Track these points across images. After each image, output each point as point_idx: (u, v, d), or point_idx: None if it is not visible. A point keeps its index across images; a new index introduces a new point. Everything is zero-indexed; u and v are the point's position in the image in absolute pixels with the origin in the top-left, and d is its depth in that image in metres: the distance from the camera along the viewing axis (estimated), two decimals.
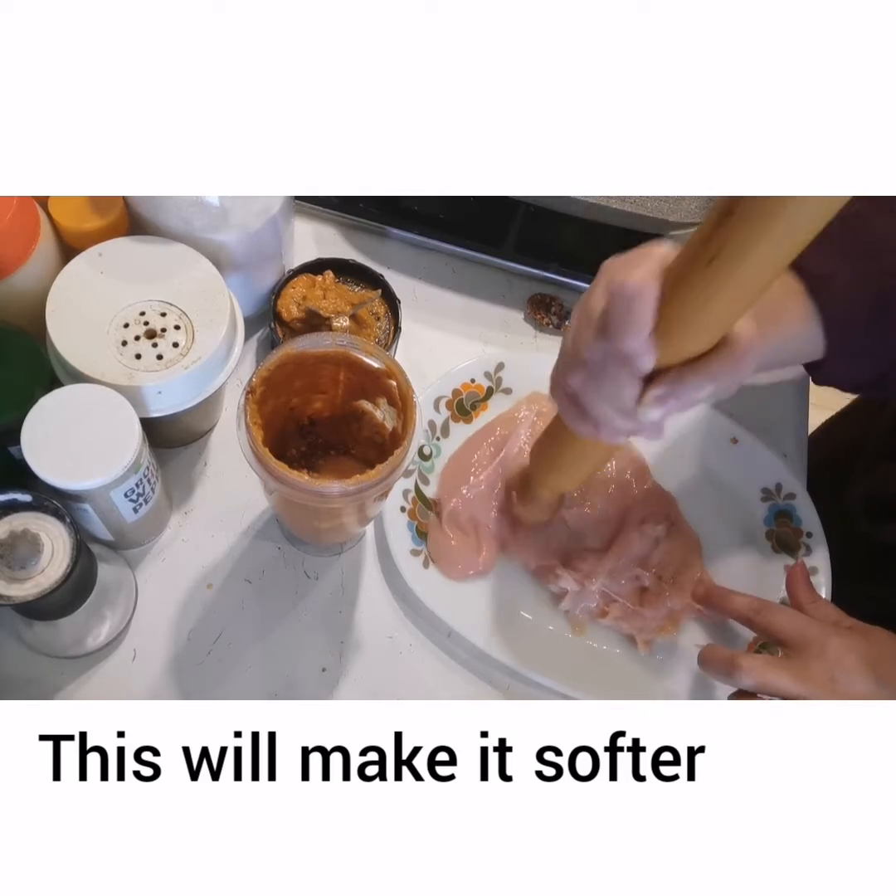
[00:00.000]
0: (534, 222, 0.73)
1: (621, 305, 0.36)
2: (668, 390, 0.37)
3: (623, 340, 0.36)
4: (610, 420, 0.40)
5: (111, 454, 0.45)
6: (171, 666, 0.54)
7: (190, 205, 0.52)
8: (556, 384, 0.44)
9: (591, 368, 0.39)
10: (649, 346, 0.36)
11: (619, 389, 0.38)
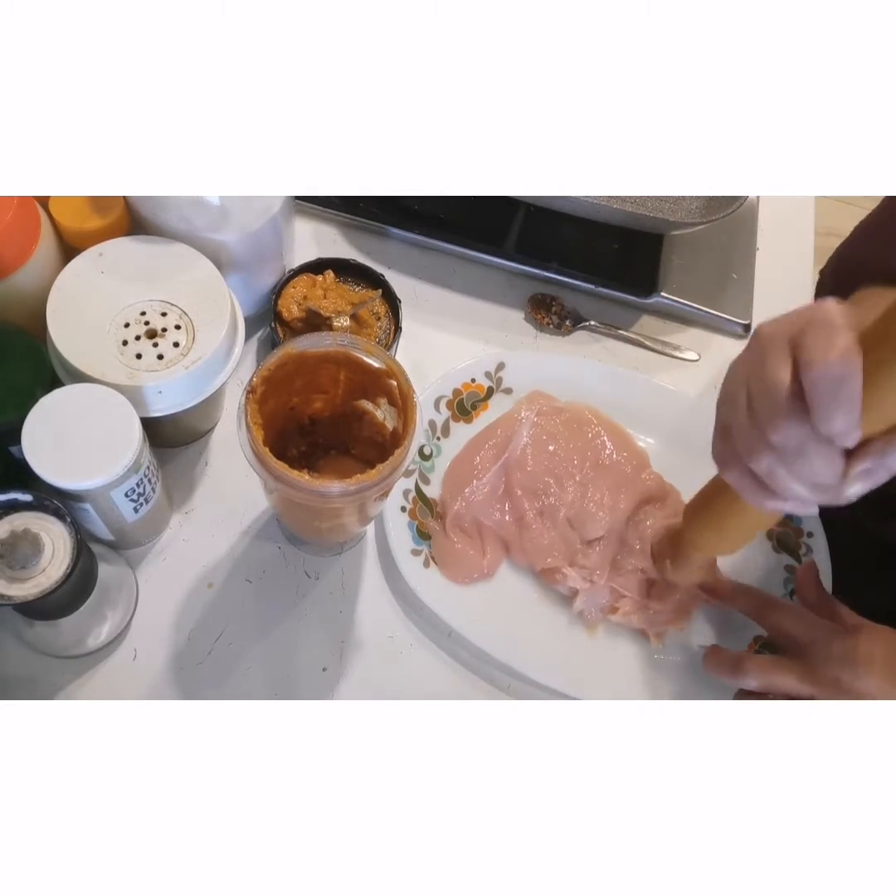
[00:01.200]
0: (534, 222, 0.73)
1: (827, 387, 0.33)
2: (877, 462, 0.35)
3: (830, 423, 0.33)
4: (803, 496, 0.37)
5: (111, 454, 0.45)
6: (171, 666, 0.54)
7: (190, 204, 0.52)
8: (729, 463, 0.40)
9: (784, 450, 0.36)
10: (858, 424, 0.33)
11: (819, 469, 0.35)
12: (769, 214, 0.79)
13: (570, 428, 0.64)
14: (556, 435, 0.63)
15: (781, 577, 0.61)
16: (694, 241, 0.75)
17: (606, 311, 0.72)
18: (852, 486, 0.36)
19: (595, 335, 0.71)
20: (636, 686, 0.58)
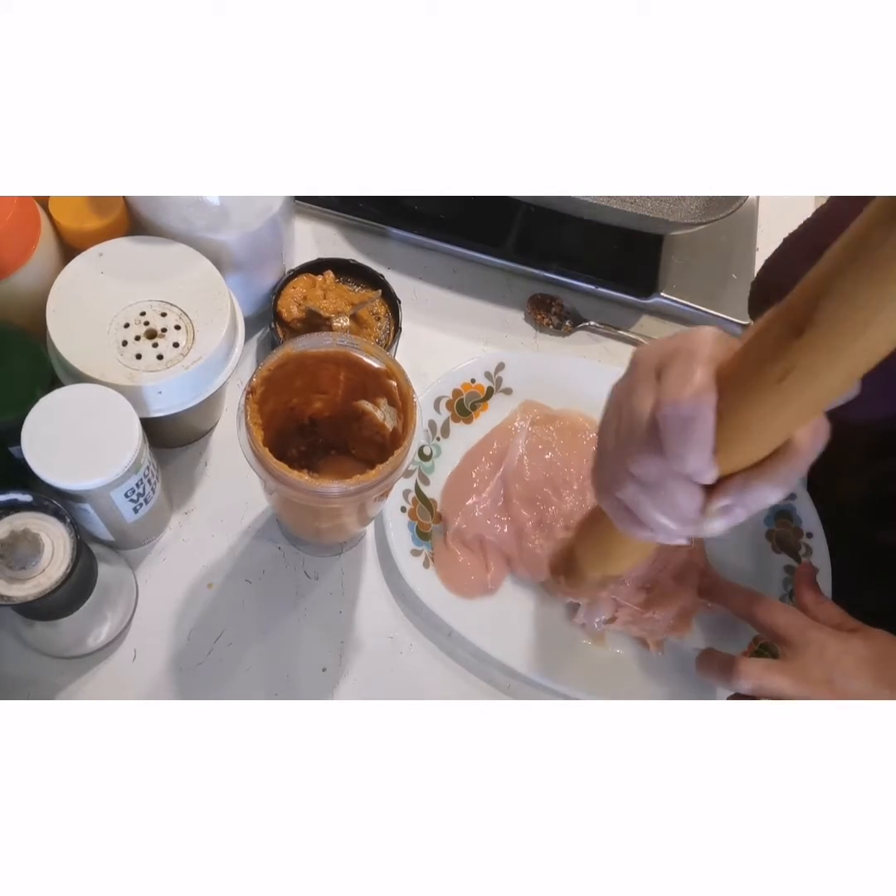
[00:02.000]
0: (534, 222, 0.73)
1: (677, 426, 0.32)
2: (736, 500, 0.34)
3: (682, 462, 0.33)
4: (669, 528, 0.37)
5: (111, 454, 0.45)
6: (171, 666, 0.54)
7: (190, 205, 0.52)
8: (602, 490, 0.40)
9: (644, 483, 0.36)
10: (711, 464, 0.33)
11: (679, 503, 0.35)
12: (769, 214, 0.79)
13: (565, 436, 0.64)
14: (552, 443, 0.63)
15: (781, 577, 0.61)
16: (694, 242, 0.75)
17: (606, 312, 0.72)
18: (712, 521, 0.35)
19: (595, 335, 0.71)
20: (636, 686, 0.58)
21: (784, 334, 0.28)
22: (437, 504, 0.61)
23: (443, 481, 0.62)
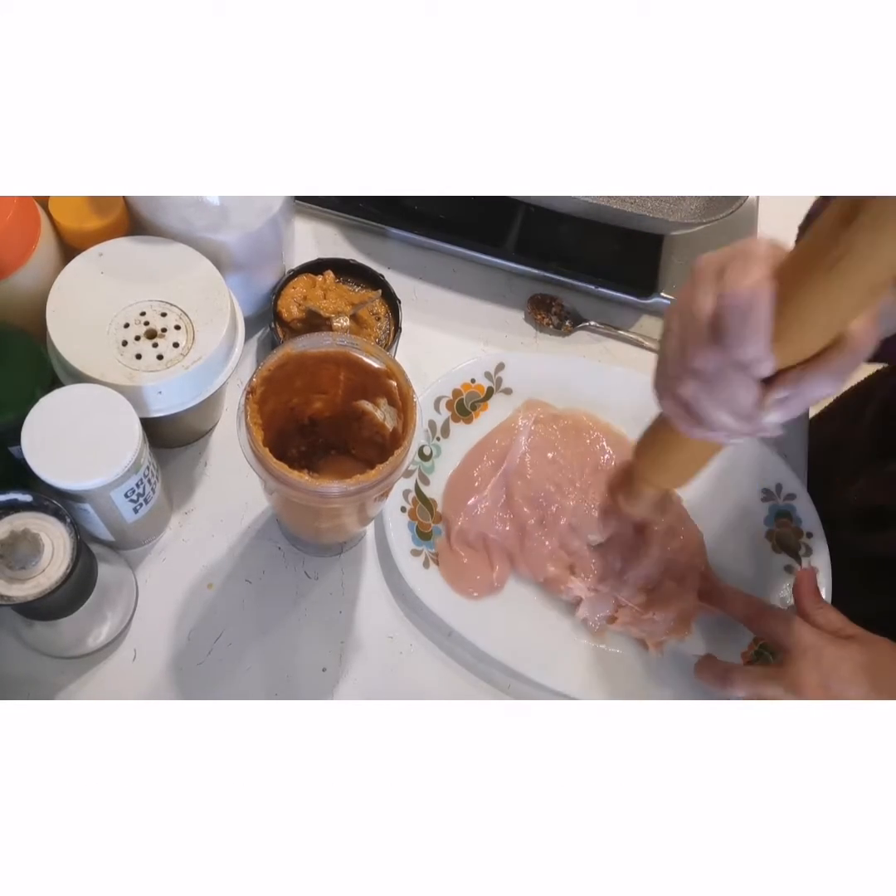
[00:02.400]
0: (534, 222, 0.73)
1: (737, 314, 0.35)
2: (791, 392, 0.36)
3: (741, 350, 0.35)
4: (726, 424, 0.39)
5: (111, 454, 0.45)
6: (171, 666, 0.54)
7: (190, 205, 0.52)
8: (663, 391, 0.42)
9: (705, 377, 0.38)
10: (769, 353, 0.35)
11: (737, 396, 0.37)
12: (769, 214, 0.79)
13: (568, 434, 0.64)
14: (555, 442, 0.63)
15: (781, 577, 0.61)
16: (694, 242, 0.75)
17: (606, 312, 0.72)
18: (769, 414, 0.37)
19: (595, 335, 0.71)
20: (636, 686, 0.58)
21: (835, 225, 0.31)
22: (437, 504, 0.61)
23: (443, 481, 0.62)
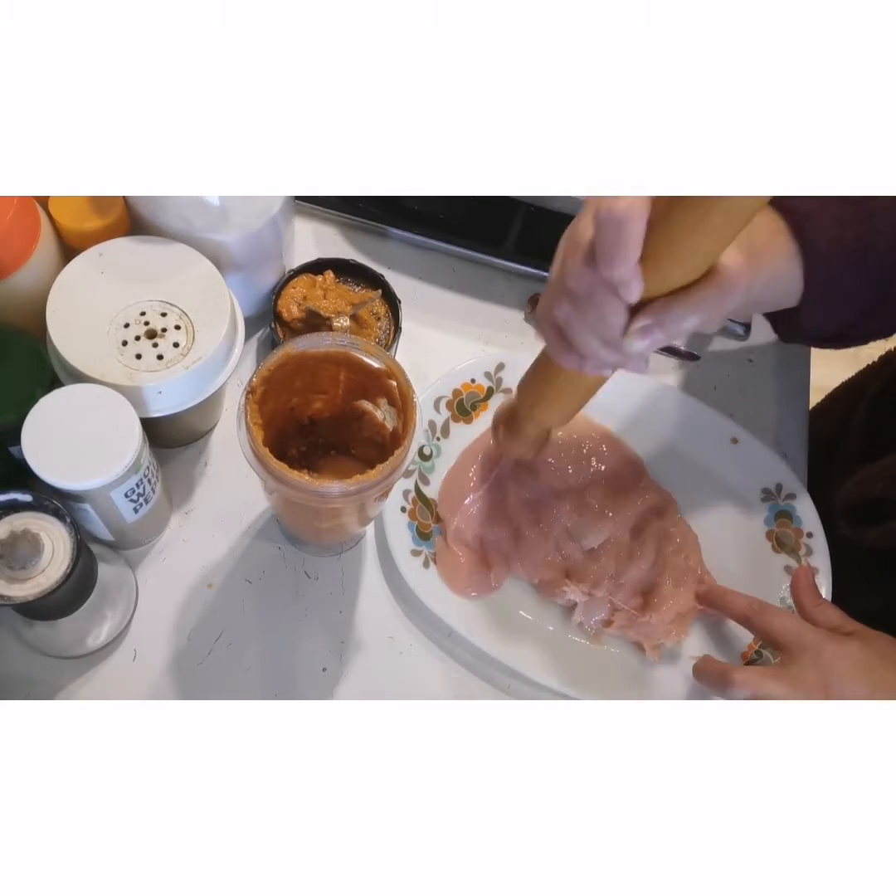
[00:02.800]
0: (534, 222, 0.73)
1: (610, 230, 0.35)
2: (654, 320, 0.37)
3: (611, 267, 0.35)
4: (595, 351, 0.40)
5: (111, 454, 0.45)
6: (171, 666, 0.54)
7: (190, 205, 0.52)
8: (542, 316, 0.43)
9: (577, 298, 0.39)
10: (637, 274, 0.35)
11: (605, 319, 0.38)
12: None
13: (563, 437, 0.63)
14: (550, 444, 0.63)
15: (781, 577, 0.61)
16: None
17: None
18: (634, 341, 0.38)
19: None
20: (636, 686, 0.58)
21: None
22: (436, 504, 0.61)
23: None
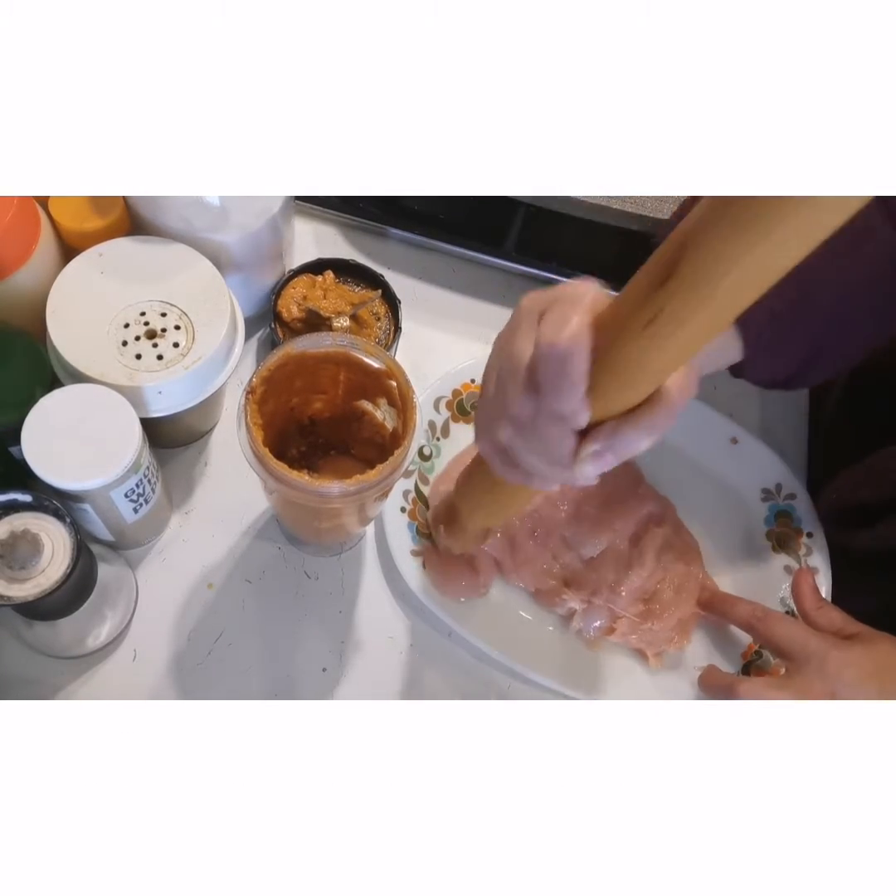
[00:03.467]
0: (534, 222, 0.73)
1: (552, 366, 0.34)
2: (605, 445, 0.35)
3: (556, 401, 0.34)
4: (542, 472, 0.38)
5: (111, 454, 0.45)
6: (171, 666, 0.54)
7: (190, 205, 0.52)
8: (481, 433, 0.41)
9: (520, 423, 0.37)
10: (584, 405, 0.34)
11: (552, 446, 0.36)
12: None
13: None
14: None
15: (781, 577, 0.61)
16: None
17: None
18: (583, 466, 0.36)
19: None
20: (636, 686, 0.58)
21: (652, 282, 0.31)
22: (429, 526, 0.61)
23: None
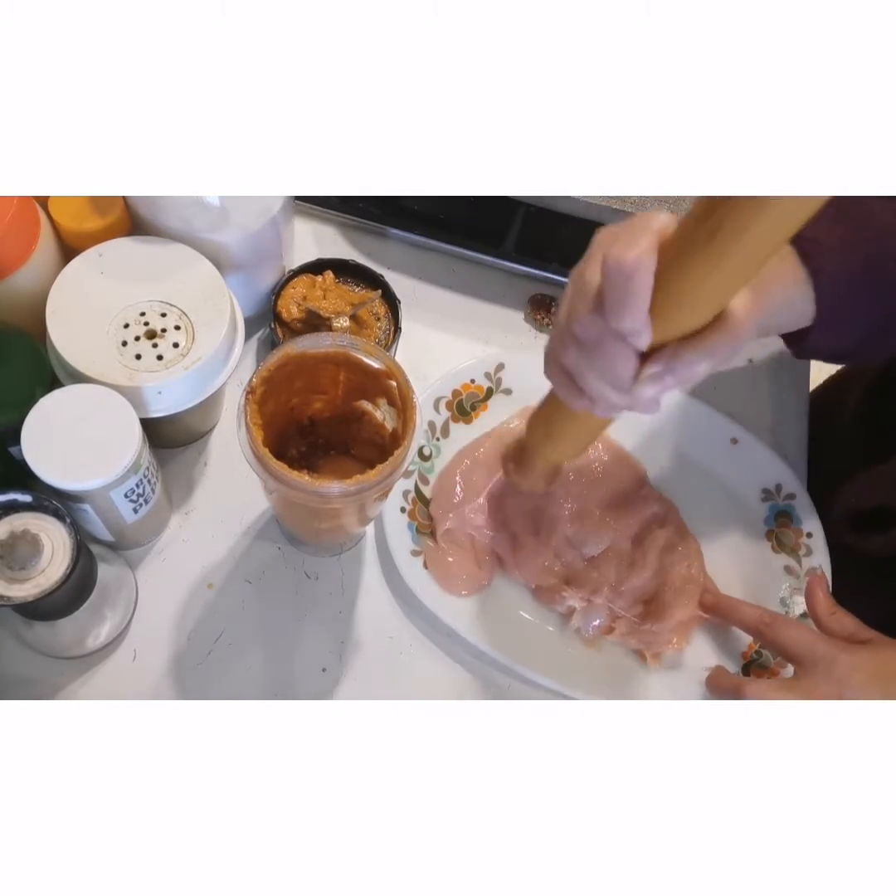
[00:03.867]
0: (534, 222, 0.73)
1: (618, 283, 0.35)
2: (665, 367, 0.36)
3: (620, 318, 0.35)
4: (605, 395, 0.39)
5: (111, 454, 0.45)
6: (171, 666, 0.54)
7: (190, 205, 0.52)
8: (549, 359, 0.43)
9: (586, 344, 0.38)
10: (646, 324, 0.35)
11: (615, 366, 0.37)
12: None
13: None
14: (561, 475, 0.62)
15: (781, 577, 0.61)
16: None
17: None
18: (645, 388, 0.37)
19: None
20: (636, 686, 0.58)
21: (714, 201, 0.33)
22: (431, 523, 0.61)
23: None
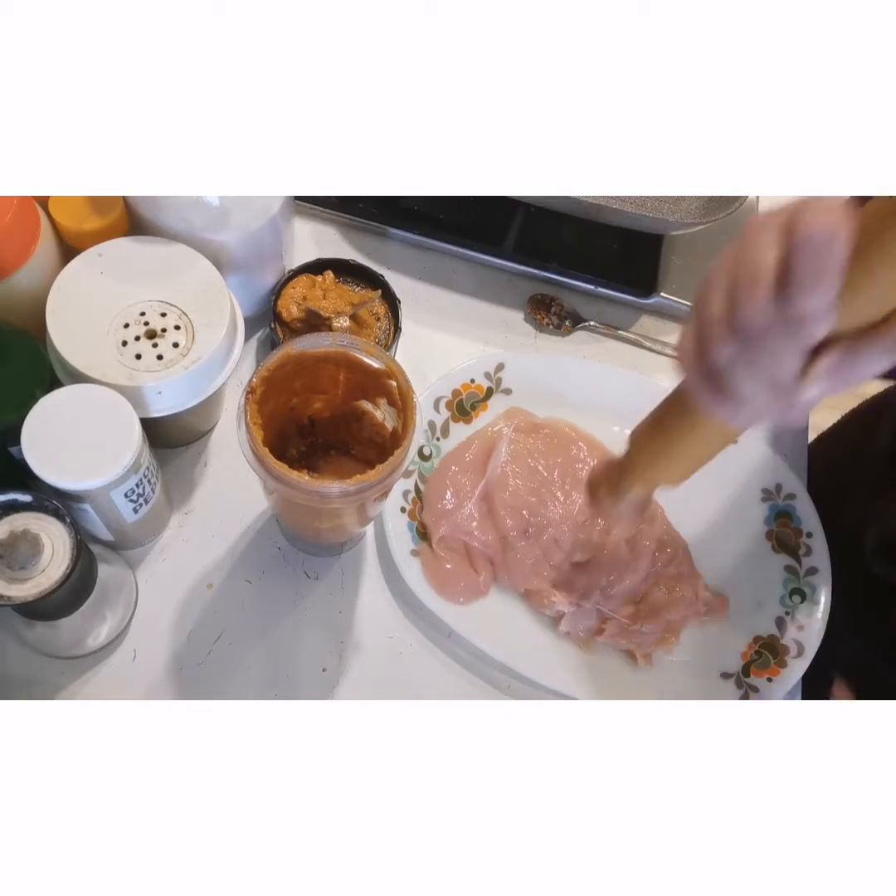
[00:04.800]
0: (534, 222, 0.73)
1: (813, 252, 0.30)
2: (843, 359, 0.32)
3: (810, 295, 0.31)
4: (759, 398, 0.35)
5: (111, 454, 0.45)
6: (171, 666, 0.54)
7: (190, 205, 0.52)
8: (690, 357, 0.37)
9: (749, 337, 0.33)
10: (832, 307, 0.31)
11: (782, 361, 0.33)
12: None
13: (549, 444, 0.63)
14: (536, 452, 0.62)
15: (781, 577, 0.61)
16: (694, 241, 0.75)
17: (606, 312, 0.72)
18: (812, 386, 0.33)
19: (595, 335, 0.71)
20: (635, 686, 0.58)
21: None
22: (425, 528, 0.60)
23: None
